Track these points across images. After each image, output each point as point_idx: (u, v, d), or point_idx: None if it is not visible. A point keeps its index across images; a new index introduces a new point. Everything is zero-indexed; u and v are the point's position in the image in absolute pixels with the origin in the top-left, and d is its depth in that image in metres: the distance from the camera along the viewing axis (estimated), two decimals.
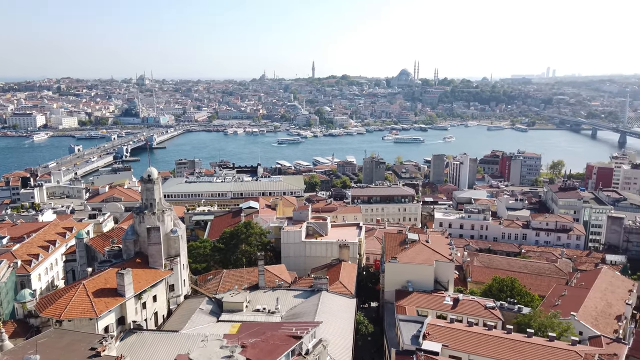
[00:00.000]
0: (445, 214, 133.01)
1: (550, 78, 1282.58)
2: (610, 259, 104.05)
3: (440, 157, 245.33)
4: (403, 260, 69.58)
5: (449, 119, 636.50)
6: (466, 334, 54.06)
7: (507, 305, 65.24)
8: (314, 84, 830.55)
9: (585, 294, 69.81)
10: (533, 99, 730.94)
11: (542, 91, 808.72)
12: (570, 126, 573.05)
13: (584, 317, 62.62)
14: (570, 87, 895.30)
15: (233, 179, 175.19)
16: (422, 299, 65.47)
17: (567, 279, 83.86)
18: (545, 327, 57.59)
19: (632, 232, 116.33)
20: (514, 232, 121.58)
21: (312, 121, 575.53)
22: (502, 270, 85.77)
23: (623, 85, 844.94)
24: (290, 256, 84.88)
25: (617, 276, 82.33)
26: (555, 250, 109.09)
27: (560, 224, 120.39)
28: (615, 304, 69.97)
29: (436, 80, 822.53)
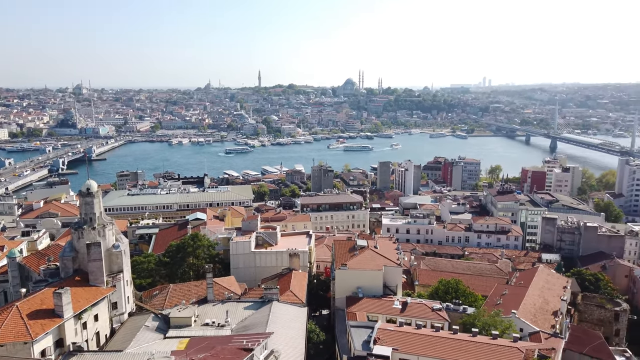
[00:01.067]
0: (392, 219, 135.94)
1: (487, 87, 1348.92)
2: (546, 257, 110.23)
3: (386, 164, 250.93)
4: (353, 266, 70.32)
5: (394, 127, 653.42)
6: (415, 336, 55.30)
7: (453, 306, 67.42)
8: (260, 93, 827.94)
9: (524, 292, 73.38)
10: (471, 107, 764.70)
11: (480, 100, 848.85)
12: (506, 133, 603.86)
13: (524, 314, 65.76)
14: (505, 95, 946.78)
15: (179, 190, 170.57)
16: (372, 305, 66.34)
17: (507, 278, 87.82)
18: (489, 326, 59.97)
19: (565, 231, 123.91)
20: (457, 235, 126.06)
21: (260, 130, 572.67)
22: (447, 273, 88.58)
23: (552, 93, 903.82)
24: (239, 267, 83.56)
25: (552, 274, 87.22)
26: (495, 251, 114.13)
27: (499, 226, 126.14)
28: (552, 301, 74.02)
29: (380, 90, 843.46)
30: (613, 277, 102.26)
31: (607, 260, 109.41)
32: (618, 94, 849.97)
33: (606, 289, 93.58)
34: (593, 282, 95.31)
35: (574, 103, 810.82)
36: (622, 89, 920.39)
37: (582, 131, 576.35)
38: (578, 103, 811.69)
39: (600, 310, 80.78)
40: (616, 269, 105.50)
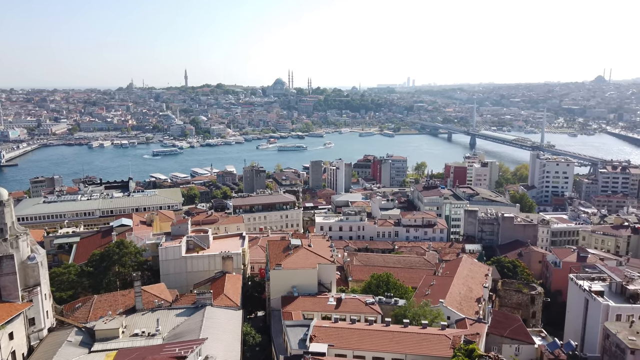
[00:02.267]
0: (325, 218, 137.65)
1: (411, 87, 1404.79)
2: (469, 248, 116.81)
3: (318, 164, 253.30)
4: (287, 266, 70.39)
5: (324, 127, 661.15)
6: (350, 331, 56.45)
7: (385, 299, 69.61)
8: (187, 93, 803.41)
9: (450, 281, 77.34)
10: (397, 106, 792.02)
11: (405, 99, 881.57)
12: (429, 131, 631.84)
13: (451, 303, 69.30)
14: (428, 95, 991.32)
15: (101, 195, 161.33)
16: (307, 303, 66.81)
17: (434, 269, 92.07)
18: (419, 316, 62.58)
19: (485, 222, 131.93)
20: (388, 231, 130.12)
21: (188, 131, 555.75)
22: (379, 267, 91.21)
23: (471, 93, 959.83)
24: (170, 273, 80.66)
25: (475, 263, 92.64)
26: (423, 244, 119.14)
27: (426, 220, 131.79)
28: (475, 288, 78.64)
29: (310, 90, 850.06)
30: (528, 263, 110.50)
31: (522, 247, 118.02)
32: (528, 93, 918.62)
33: (523, 274, 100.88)
34: (511, 268, 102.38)
35: (490, 102, 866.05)
36: (531, 88, 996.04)
37: (497, 128, 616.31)
38: (493, 102, 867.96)
39: (518, 295, 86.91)
40: (531, 255, 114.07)
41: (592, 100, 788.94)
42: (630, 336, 53.34)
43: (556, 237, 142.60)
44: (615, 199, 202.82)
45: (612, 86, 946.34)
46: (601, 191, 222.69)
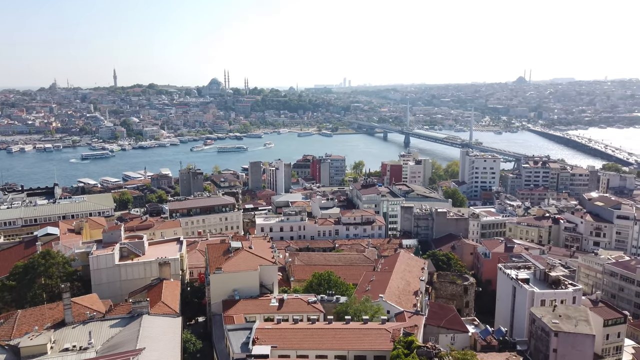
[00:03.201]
0: (266, 219, 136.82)
1: (347, 88, 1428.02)
2: (406, 243, 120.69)
3: (257, 164, 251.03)
4: (228, 269, 69.24)
5: (263, 127, 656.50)
6: (292, 331, 56.53)
7: (327, 297, 70.36)
8: (117, 94, 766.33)
9: (389, 276, 79.51)
10: (334, 106, 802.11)
11: (342, 99, 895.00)
12: (366, 130, 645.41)
13: (390, 297, 71.25)
14: (364, 95, 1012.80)
15: (23, 203, 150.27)
16: (249, 305, 66.10)
17: (374, 265, 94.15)
18: (360, 312, 63.84)
19: (420, 218, 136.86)
20: (328, 229, 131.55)
21: (119, 133, 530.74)
22: (320, 266, 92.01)
23: (404, 93, 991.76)
24: (102, 283, 76.72)
25: (412, 257, 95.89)
26: (362, 241, 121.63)
27: (365, 217, 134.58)
28: (412, 282, 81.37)
29: (247, 90, 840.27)
30: (461, 255, 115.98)
31: (455, 241, 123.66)
32: (457, 93, 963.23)
33: (456, 266, 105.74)
34: (445, 261, 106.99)
35: (422, 102, 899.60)
36: (460, 88, 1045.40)
37: (430, 127, 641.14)
38: (425, 102, 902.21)
39: (453, 286, 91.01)
40: (463, 248, 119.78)
41: (514, 100, 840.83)
42: (553, 319, 57.46)
43: (485, 230, 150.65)
44: (537, 192, 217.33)
45: (532, 86, 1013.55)
46: (524, 185, 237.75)
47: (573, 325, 55.61)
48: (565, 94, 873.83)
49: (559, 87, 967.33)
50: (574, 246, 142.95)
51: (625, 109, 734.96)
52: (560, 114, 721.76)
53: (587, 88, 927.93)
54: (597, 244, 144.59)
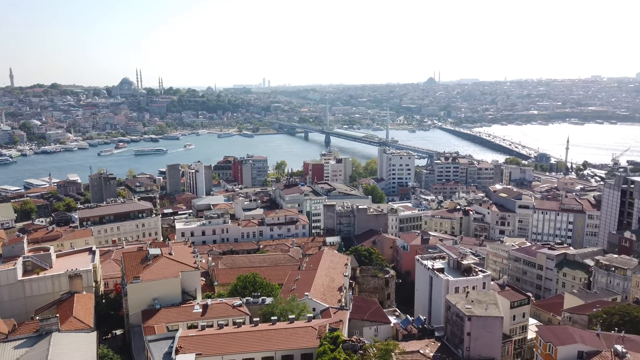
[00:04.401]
0: (186, 223, 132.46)
1: (267, 88, 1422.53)
2: (329, 240, 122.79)
3: (175, 167, 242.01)
4: (147, 278, 66.23)
5: (180, 129, 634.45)
6: (218, 337, 55.36)
7: (252, 299, 69.71)
8: (14, 94, 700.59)
9: (314, 274, 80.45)
10: (254, 106, 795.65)
11: (261, 99, 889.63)
12: (287, 130, 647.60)
13: (315, 295, 72.15)
14: (284, 95, 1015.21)
15: None
16: (171, 314, 63.73)
17: (299, 264, 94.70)
18: (286, 311, 64.00)
19: (342, 215, 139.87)
20: (252, 231, 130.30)
21: (18, 138, 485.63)
22: (245, 268, 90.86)
23: (323, 93, 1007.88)
24: (4, 301, 70.01)
25: (335, 254, 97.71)
26: (287, 241, 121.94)
27: (288, 217, 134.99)
28: (337, 278, 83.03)
29: (162, 90, 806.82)
30: (382, 249, 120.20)
31: (376, 235, 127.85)
32: (373, 94, 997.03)
33: (377, 260, 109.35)
34: (367, 256, 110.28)
35: (341, 102, 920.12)
36: (376, 89, 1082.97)
37: (349, 126, 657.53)
38: (344, 102, 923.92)
39: (375, 280, 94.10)
40: (383, 242, 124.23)
41: (425, 100, 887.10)
42: (466, 305, 61.36)
43: (403, 224, 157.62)
44: (448, 186, 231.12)
45: (441, 87, 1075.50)
46: (437, 180, 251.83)
47: (484, 309, 59.83)
48: (471, 94, 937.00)
49: (465, 87, 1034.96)
50: (482, 235, 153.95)
51: (522, 107, 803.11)
52: (467, 112, 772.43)
53: (489, 88, 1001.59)
54: (502, 232, 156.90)
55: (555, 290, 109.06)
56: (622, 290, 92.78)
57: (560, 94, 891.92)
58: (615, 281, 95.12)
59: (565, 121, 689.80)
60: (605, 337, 58.67)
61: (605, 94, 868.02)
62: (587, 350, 56.00)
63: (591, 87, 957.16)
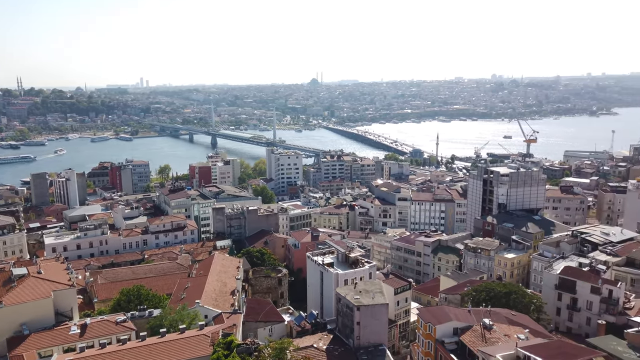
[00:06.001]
0: (58, 237, 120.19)
1: (145, 88, 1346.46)
2: (220, 244, 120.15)
3: (41, 176, 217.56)
4: (11, 301, 58.97)
5: (45, 133, 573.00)
6: (100, 357, 51.35)
7: (138, 313, 65.70)
8: None
9: (205, 280, 78.25)
10: (132, 108, 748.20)
11: (140, 100, 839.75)
12: (170, 132, 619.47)
13: (207, 301, 70.21)
14: (165, 96, 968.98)
15: None
16: (43, 339, 57.50)
17: (188, 271, 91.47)
18: (176, 322, 61.38)
19: (232, 218, 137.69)
20: (135, 240, 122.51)
21: None
22: (128, 281, 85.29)
23: (207, 94, 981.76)
24: None
25: (227, 258, 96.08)
26: (175, 248, 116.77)
27: (175, 223, 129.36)
28: (229, 282, 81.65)
29: (21, 91, 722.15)
30: (273, 249, 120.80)
31: (267, 236, 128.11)
32: (259, 94, 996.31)
33: (270, 260, 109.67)
34: (259, 257, 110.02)
35: (226, 102, 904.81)
36: (261, 89, 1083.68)
37: (235, 127, 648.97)
38: (229, 102, 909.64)
39: (268, 280, 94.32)
40: (275, 241, 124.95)
41: (310, 100, 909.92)
42: (355, 296, 64.30)
43: (294, 222, 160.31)
44: (335, 183, 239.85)
45: (324, 87, 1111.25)
46: (324, 177, 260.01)
47: (371, 298, 63.24)
48: (352, 94, 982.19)
49: (346, 88, 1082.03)
50: (367, 228, 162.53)
51: (398, 106, 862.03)
52: (349, 112, 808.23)
53: (368, 89, 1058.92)
54: (385, 224, 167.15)
55: (432, 274, 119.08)
56: (487, 269, 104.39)
57: (429, 94, 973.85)
58: (482, 261, 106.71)
59: (434, 119, 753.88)
60: (475, 312, 65.50)
61: (466, 94, 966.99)
62: (461, 327, 62.03)
63: (455, 87, 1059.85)
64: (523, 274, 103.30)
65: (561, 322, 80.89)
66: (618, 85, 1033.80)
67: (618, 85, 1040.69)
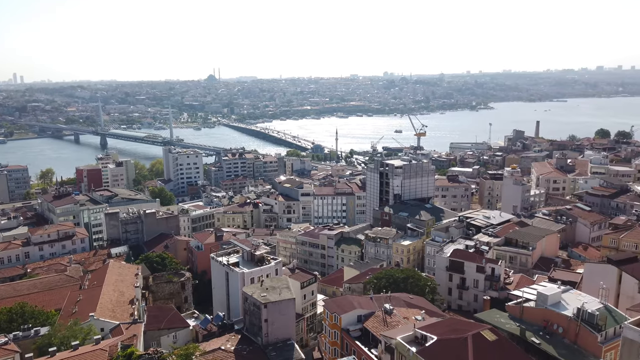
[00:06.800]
0: None
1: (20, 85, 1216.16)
2: (115, 251, 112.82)
3: None
4: None
5: None
6: None
7: (22, 333, 59.56)
8: None
9: (99, 291, 73.00)
10: (5, 107, 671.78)
11: (14, 99, 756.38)
12: (52, 133, 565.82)
13: (103, 313, 65.62)
14: (44, 94, 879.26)
15: None
16: None
17: (80, 283, 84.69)
18: (68, 338, 56.57)
19: (128, 222, 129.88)
20: (15, 254, 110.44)
21: None
22: (8, 299, 76.70)
23: (94, 91, 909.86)
24: None
25: (123, 266, 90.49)
26: (63, 259, 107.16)
27: (62, 232, 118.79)
28: (127, 291, 77.01)
29: None
30: (175, 252, 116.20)
31: (168, 239, 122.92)
32: (152, 91, 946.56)
33: (171, 265, 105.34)
34: (160, 262, 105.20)
35: (116, 100, 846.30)
36: (154, 86, 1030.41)
37: (127, 126, 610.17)
38: (119, 100, 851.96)
39: (170, 285, 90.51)
40: (176, 245, 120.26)
41: (208, 97, 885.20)
42: (262, 293, 64.20)
43: (196, 223, 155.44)
44: (238, 181, 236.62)
45: (223, 84, 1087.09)
46: (226, 176, 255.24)
47: (278, 295, 63.57)
48: (251, 91, 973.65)
49: (245, 85, 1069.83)
50: (272, 225, 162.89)
51: (297, 103, 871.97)
52: (249, 109, 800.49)
53: (267, 85, 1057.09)
54: (289, 220, 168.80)
55: (336, 265, 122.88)
56: (386, 257, 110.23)
57: (327, 90, 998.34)
58: (381, 250, 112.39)
59: (333, 115, 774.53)
60: (377, 299, 68.87)
61: (362, 91, 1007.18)
62: (364, 314, 64.87)
63: (351, 84, 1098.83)
64: (418, 259, 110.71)
65: (453, 301, 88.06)
66: (493, 82, 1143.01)
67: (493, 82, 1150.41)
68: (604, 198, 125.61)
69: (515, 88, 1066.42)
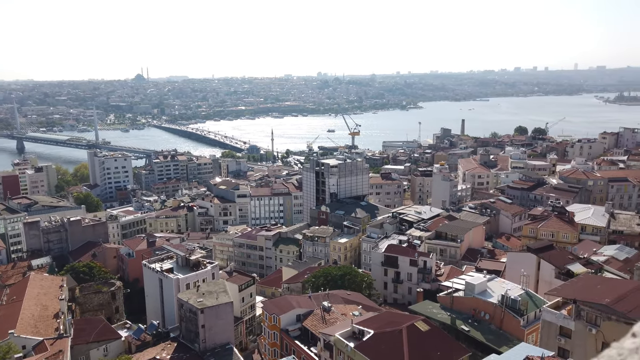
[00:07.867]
0: None
1: None
2: (36, 263, 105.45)
3: None
4: None
5: None
6: None
7: None
8: None
9: (20, 306, 67.93)
10: None
11: None
12: None
13: (24, 330, 61.17)
14: None
15: None
16: None
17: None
18: None
19: (51, 232, 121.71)
20: None
21: None
22: None
23: (7, 91, 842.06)
24: None
25: (46, 278, 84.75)
26: None
27: None
28: (51, 304, 72.21)
29: None
30: (104, 261, 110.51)
31: (96, 248, 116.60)
32: (74, 91, 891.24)
33: (100, 274, 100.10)
34: (87, 272, 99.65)
35: (33, 101, 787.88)
36: (76, 86, 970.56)
37: (48, 129, 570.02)
38: (37, 101, 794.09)
39: (99, 296, 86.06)
40: (105, 253, 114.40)
41: (136, 97, 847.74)
42: (198, 299, 62.80)
43: (126, 230, 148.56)
44: (170, 184, 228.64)
45: (152, 84, 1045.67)
46: (158, 179, 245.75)
47: (215, 299, 62.44)
48: (182, 91, 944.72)
49: (176, 85, 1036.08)
50: (208, 228, 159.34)
51: (231, 103, 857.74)
52: (181, 109, 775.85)
53: (199, 85, 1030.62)
54: (226, 222, 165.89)
55: (275, 266, 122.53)
56: (324, 255, 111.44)
57: (262, 91, 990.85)
58: (319, 248, 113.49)
59: (268, 115, 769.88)
60: (315, 297, 69.51)
61: (296, 91, 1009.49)
62: (303, 313, 65.27)
63: (285, 84, 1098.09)
64: (355, 255, 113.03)
65: (388, 295, 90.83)
66: (421, 82, 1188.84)
67: (421, 82, 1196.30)
68: (523, 191, 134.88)
69: (442, 88, 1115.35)
